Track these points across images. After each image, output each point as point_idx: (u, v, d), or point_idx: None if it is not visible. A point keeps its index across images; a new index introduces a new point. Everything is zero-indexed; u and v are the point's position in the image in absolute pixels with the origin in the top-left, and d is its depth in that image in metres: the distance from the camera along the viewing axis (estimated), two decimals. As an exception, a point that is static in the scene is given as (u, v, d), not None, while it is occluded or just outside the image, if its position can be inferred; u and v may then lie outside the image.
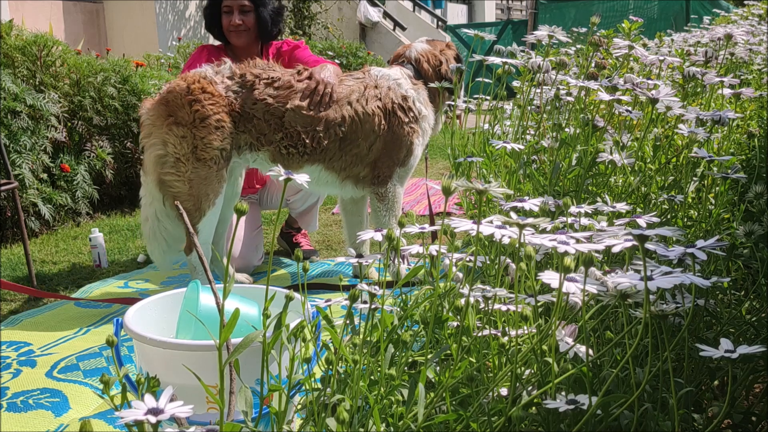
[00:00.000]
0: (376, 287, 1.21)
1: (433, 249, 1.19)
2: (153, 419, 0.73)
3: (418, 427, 1.01)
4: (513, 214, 1.00)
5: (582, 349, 1.01)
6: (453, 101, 2.60)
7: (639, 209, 1.63)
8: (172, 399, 0.77)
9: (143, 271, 3.17)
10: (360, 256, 1.33)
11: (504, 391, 1.05)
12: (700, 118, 1.69)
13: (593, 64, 2.00)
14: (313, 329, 1.31)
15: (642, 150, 1.77)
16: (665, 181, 1.77)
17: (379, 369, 1.12)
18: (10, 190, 2.91)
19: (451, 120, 2.94)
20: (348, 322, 1.24)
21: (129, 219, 4.20)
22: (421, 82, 2.80)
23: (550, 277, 0.95)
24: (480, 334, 1.10)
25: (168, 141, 2.53)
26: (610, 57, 2.71)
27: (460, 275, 1.27)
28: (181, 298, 1.65)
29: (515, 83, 2.25)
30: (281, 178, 1.05)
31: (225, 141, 2.55)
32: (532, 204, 1.15)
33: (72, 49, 4.48)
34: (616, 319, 1.28)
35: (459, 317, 1.10)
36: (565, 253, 0.91)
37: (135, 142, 4.36)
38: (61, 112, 4.00)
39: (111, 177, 4.24)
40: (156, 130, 2.56)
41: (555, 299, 0.97)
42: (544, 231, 1.09)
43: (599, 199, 1.60)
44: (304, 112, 2.58)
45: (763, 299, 1.32)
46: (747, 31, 2.92)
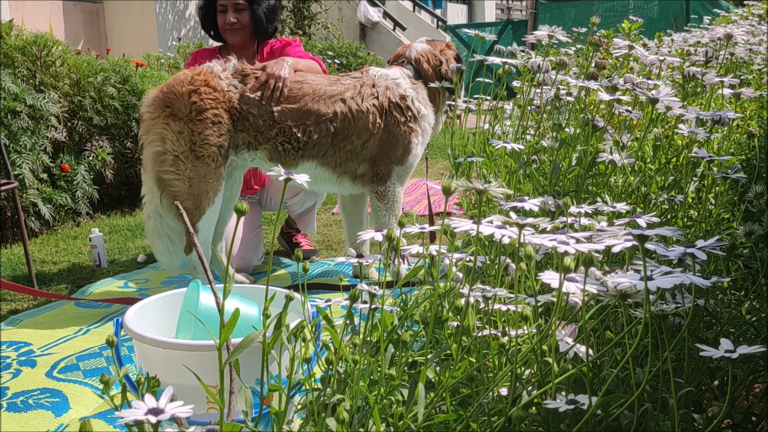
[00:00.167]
0: (376, 287, 1.21)
1: (433, 249, 1.19)
2: (153, 419, 0.73)
3: (418, 427, 1.01)
4: (513, 214, 1.00)
5: (582, 349, 1.01)
6: (453, 101, 2.60)
7: (639, 209, 1.63)
8: (172, 399, 0.77)
9: (143, 271, 3.17)
10: (360, 256, 1.33)
11: (504, 391, 1.05)
12: (700, 118, 1.69)
13: (593, 64, 2.00)
14: (313, 329, 1.31)
15: (642, 150, 1.77)
16: (665, 181, 1.77)
17: (379, 369, 1.12)
18: (10, 190, 2.91)
19: (452, 120, 2.94)
20: (348, 322, 1.24)
21: (129, 219, 4.20)
22: (420, 82, 2.80)
23: (550, 277, 0.95)
24: (480, 334, 1.10)
25: (166, 137, 2.53)
26: (610, 57, 2.71)
27: (460, 275, 1.27)
28: (181, 298, 1.65)
29: (515, 83, 2.25)
30: (281, 177, 1.05)
31: (222, 137, 2.55)
32: (532, 204, 1.15)
33: (72, 49, 4.48)
34: (616, 319, 1.28)
35: (459, 317, 1.10)
36: (565, 253, 0.91)
37: (135, 142, 4.36)
38: (61, 112, 4.00)
39: (111, 177, 4.24)
40: (154, 125, 2.56)
41: (555, 299, 0.97)
42: (544, 231, 1.09)
43: (599, 199, 1.59)
44: (290, 106, 2.59)
45: (763, 299, 1.32)
46: (747, 31, 2.92)
